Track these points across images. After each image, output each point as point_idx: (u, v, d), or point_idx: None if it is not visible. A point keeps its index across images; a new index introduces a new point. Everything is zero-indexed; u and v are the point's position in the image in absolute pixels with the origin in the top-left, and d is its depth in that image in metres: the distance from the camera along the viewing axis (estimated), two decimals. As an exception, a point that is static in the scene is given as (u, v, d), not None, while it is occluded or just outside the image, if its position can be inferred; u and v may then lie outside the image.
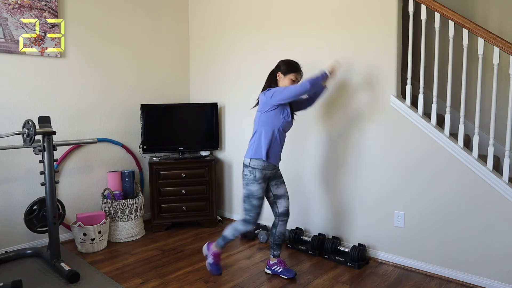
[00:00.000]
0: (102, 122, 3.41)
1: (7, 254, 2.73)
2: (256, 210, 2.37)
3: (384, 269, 2.65)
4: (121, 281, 2.46)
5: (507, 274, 2.26)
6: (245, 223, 2.41)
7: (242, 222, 2.42)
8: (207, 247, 2.60)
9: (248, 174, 2.35)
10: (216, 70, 3.80)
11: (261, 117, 2.37)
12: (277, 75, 2.42)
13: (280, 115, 2.34)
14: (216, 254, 2.54)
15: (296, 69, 2.40)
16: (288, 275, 2.49)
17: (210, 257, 2.54)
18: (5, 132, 2.66)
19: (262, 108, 2.36)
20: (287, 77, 2.39)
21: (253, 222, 2.40)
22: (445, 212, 2.46)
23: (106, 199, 3.16)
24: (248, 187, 2.36)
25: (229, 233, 2.47)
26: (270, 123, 2.34)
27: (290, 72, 2.38)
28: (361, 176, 2.82)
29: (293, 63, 2.42)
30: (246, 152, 2.42)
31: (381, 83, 2.66)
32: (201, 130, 3.67)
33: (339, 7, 2.84)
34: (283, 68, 2.40)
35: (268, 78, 2.47)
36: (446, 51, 2.88)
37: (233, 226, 2.46)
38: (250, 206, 2.37)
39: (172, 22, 3.90)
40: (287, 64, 2.41)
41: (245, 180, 2.37)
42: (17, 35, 2.86)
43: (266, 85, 2.45)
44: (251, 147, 2.39)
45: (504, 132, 2.76)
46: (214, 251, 2.53)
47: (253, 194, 2.35)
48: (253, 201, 2.36)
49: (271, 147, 2.35)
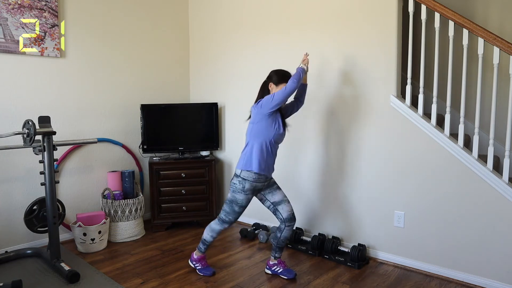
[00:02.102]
0: (102, 122, 3.41)
1: (7, 254, 2.73)
2: (235, 215, 2.43)
3: (384, 269, 2.65)
4: (121, 281, 2.46)
5: (507, 274, 2.26)
6: (221, 223, 2.46)
7: (218, 222, 2.48)
8: (190, 260, 2.65)
9: (237, 184, 2.36)
10: (216, 70, 3.80)
11: (253, 128, 2.37)
12: (269, 86, 2.43)
13: (272, 126, 2.34)
14: (200, 258, 2.59)
15: (287, 79, 2.40)
16: (288, 276, 2.49)
17: (197, 265, 2.60)
18: (5, 132, 2.66)
19: (254, 119, 2.36)
20: (279, 86, 2.39)
21: (229, 223, 2.46)
22: (445, 212, 2.46)
23: (106, 199, 3.16)
24: (234, 194, 2.38)
25: (207, 235, 2.52)
26: (262, 135, 2.34)
27: (282, 82, 2.39)
28: (361, 176, 2.82)
29: (285, 72, 2.43)
30: (237, 163, 2.41)
31: (381, 83, 2.66)
32: (201, 130, 3.67)
33: (339, 7, 2.84)
34: (275, 78, 2.41)
35: (260, 89, 2.48)
36: (446, 51, 2.88)
37: (209, 227, 2.51)
38: (230, 210, 2.41)
39: (172, 22, 3.90)
40: (278, 74, 2.42)
41: (232, 187, 2.39)
42: (17, 35, 2.86)
43: (259, 96, 2.46)
44: (242, 158, 2.39)
45: (504, 132, 2.76)
46: (198, 256, 2.59)
47: (237, 201, 2.38)
48: (235, 208, 2.40)
49: (263, 159, 2.34)
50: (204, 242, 2.54)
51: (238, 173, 2.37)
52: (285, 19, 3.18)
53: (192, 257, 2.63)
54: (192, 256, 2.64)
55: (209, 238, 2.51)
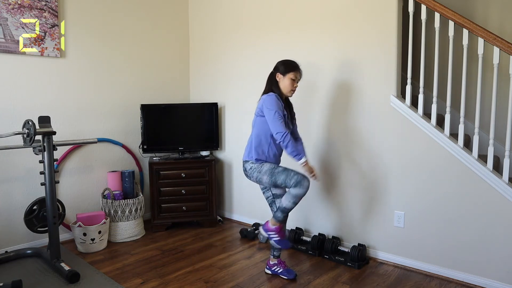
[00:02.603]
0: (102, 122, 3.41)
1: (7, 254, 2.73)
2: (291, 171, 2.24)
3: (384, 269, 2.65)
4: (121, 281, 2.46)
5: (507, 274, 2.26)
6: (299, 185, 2.21)
7: (295, 188, 2.22)
8: (264, 228, 2.42)
9: (253, 165, 2.35)
10: (216, 70, 3.80)
11: (257, 120, 2.39)
12: (277, 76, 2.42)
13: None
14: (278, 228, 2.37)
15: (294, 68, 2.40)
16: (288, 276, 2.49)
17: (273, 235, 2.38)
18: (5, 132, 2.66)
19: (258, 112, 2.38)
20: (287, 76, 2.38)
21: (302, 178, 2.21)
22: (445, 212, 2.46)
23: (106, 199, 3.16)
24: (263, 169, 2.31)
25: (288, 202, 2.27)
26: (265, 127, 2.35)
27: (289, 72, 2.38)
28: (361, 176, 2.82)
29: (291, 62, 2.41)
30: (243, 154, 2.45)
31: (381, 83, 2.66)
32: (201, 130, 3.67)
33: (339, 7, 2.84)
34: (282, 69, 2.40)
35: (268, 80, 2.46)
36: (446, 51, 2.88)
37: (289, 193, 2.26)
38: (283, 175, 2.25)
39: (172, 22, 3.90)
40: (285, 64, 2.41)
41: (255, 171, 2.33)
42: (17, 35, 2.86)
43: (267, 88, 2.44)
44: (246, 149, 2.43)
45: (504, 132, 2.76)
46: (275, 226, 2.36)
47: (272, 169, 2.29)
48: (278, 170, 2.27)
49: (266, 150, 2.37)
50: (284, 210, 2.30)
51: (246, 159, 2.41)
52: (285, 19, 3.18)
53: (267, 226, 2.39)
54: (266, 225, 2.40)
55: (291, 205, 2.26)
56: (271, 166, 2.32)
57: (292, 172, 2.25)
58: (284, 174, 2.25)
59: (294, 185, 2.22)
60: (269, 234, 2.39)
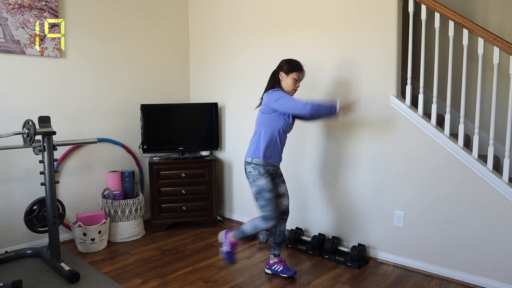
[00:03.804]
0: (102, 122, 3.41)
1: (7, 254, 2.73)
2: (271, 203, 2.31)
3: (384, 269, 2.65)
4: (121, 281, 2.46)
5: (507, 274, 2.26)
6: (265, 220, 2.31)
7: (261, 219, 2.33)
8: (224, 235, 2.50)
9: (252, 171, 2.34)
10: (216, 70, 3.80)
11: (262, 117, 2.38)
12: (280, 75, 2.42)
13: (281, 116, 2.35)
14: (233, 243, 2.46)
15: (298, 68, 2.40)
16: (288, 274, 2.49)
17: (226, 245, 2.47)
18: (5, 132, 2.66)
19: (264, 109, 2.37)
20: (290, 76, 2.38)
21: (273, 217, 2.30)
22: (445, 212, 2.46)
23: (106, 199, 3.16)
24: (256, 183, 2.33)
25: (248, 228, 2.37)
26: (270, 124, 2.35)
27: (293, 71, 2.38)
28: (361, 176, 2.82)
29: (295, 62, 2.42)
30: (247, 151, 2.42)
31: (381, 83, 2.66)
32: (201, 130, 3.67)
33: (339, 7, 2.84)
34: (285, 68, 2.40)
35: (270, 78, 2.46)
36: (446, 51, 2.88)
37: (253, 222, 2.37)
38: (264, 201, 2.31)
39: (172, 22, 3.90)
40: (289, 63, 2.41)
41: (250, 178, 2.35)
42: (17, 35, 2.86)
43: (269, 85, 2.44)
44: (251, 147, 2.41)
45: (504, 132, 2.75)
46: (232, 240, 2.45)
47: (263, 188, 2.32)
48: (266, 195, 2.31)
49: (270, 148, 2.36)
50: (243, 232, 2.40)
51: (249, 160, 2.37)
52: (285, 19, 3.18)
53: (227, 234, 2.48)
54: (227, 233, 2.48)
55: (248, 232, 2.38)
56: (265, 186, 2.32)
57: (271, 206, 2.31)
58: (265, 202, 2.32)
59: (262, 217, 2.33)
60: (223, 242, 2.49)
